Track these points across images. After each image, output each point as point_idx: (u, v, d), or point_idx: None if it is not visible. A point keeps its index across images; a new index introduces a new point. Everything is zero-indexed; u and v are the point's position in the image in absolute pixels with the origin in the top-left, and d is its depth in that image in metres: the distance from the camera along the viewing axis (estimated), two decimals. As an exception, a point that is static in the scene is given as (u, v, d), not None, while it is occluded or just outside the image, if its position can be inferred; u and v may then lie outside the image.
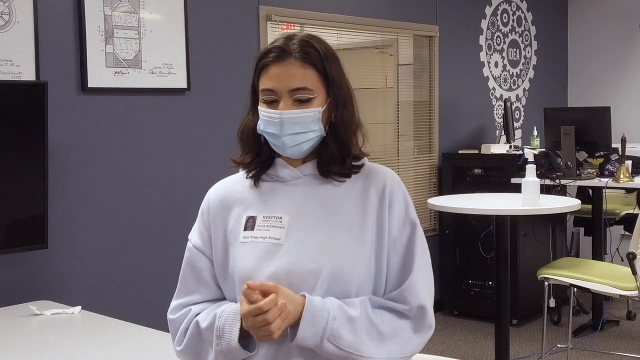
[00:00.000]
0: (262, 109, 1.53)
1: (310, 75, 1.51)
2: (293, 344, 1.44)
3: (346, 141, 1.56)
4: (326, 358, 1.47)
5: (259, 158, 1.59)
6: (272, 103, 1.52)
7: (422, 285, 1.53)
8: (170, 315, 1.61)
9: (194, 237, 1.64)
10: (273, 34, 4.14)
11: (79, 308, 2.76)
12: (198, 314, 1.57)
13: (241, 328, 1.47)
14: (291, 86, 1.50)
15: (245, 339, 1.49)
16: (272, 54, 1.52)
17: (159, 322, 2.58)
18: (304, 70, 1.50)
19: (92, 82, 3.28)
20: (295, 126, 1.50)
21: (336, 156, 1.55)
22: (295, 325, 1.44)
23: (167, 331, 2.27)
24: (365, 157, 1.62)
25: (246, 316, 1.42)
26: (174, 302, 1.62)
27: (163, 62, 3.54)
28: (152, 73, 3.50)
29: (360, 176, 1.58)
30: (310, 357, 1.47)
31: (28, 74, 3.05)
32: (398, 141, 5.22)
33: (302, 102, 1.51)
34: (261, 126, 1.54)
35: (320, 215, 1.53)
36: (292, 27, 4.41)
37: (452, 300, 5.33)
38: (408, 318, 1.52)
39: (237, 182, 1.64)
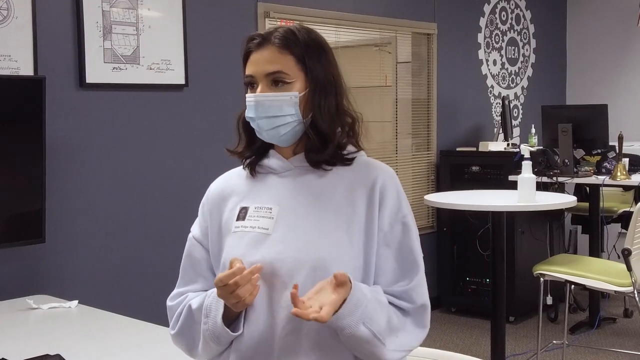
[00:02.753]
0: (246, 95, 1.57)
1: (287, 60, 1.53)
2: (327, 323, 1.42)
3: (324, 129, 1.55)
4: (330, 344, 1.47)
5: (252, 146, 1.62)
6: (253, 88, 1.55)
7: (425, 284, 1.56)
8: (169, 302, 1.65)
9: (194, 228, 1.68)
10: (271, 30, 4.15)
11: (76, 302, 2.78)
12: (193, 298, 1.59)
13: (227, 307, 1.49)
14: (267, 70, 1.53)
15: (233, 321, 1.52)
16: (254, 40, 1.56)
17: (155, 316, 2.60)
18: (281, 56, 1.53)
19: (90, 77, 3.29)
20: (269, 109, 1.52)
21: (316, 145, 1.56)
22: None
23: (163, 325, 2.29)
24: (362, 151, 1.62)
25: (216, 285, 1.44)
26: (174, 291, 1.66)
27: (161, 58, 3.55)
28: (150, 69, 3.51)
29: (352, 169, 1.59)
30: (294, 339, 1.48)
31: (26, 69, 3.07)
32: (396, 139, 5.23)
33: (278, 87, 1.53)
34: (246, 112, 1.57)
35: (308, 207, 1.54)
36: (291, 24, 4.41)
37: (449, 297, 5.35)
38: (409, 315, 1.54)
39: (235, 175, 1.67)
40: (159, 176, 3.60)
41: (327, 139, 1.56)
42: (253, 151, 1.62)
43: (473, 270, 5.20)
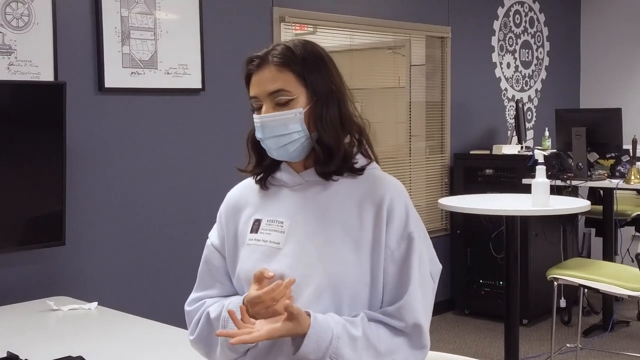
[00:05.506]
0: (253, 116, 1.59)
1: (287, 77, 1.54)
2: (294, 358, 1.47)
3: (328, 141, 1.56)
4: None
5: (262, 164, 1.64)
6: (260, 109, 1.57)
7: (419, 303, 1.53)
8: (187, 307, 1.68)
9: (213, 235, 1.71)
10: (287, 35, 4.19)
11: (95, 304, 2.82)
12: (210, 306, 1.63)
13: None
14: (268, 90, 1.54)
15: None
16: (254, 62, 1.58)
17: (174, 318, 2.64)
18: (280, 74, 1.54)
19: (109, 82, 3.34)
20: (275, 129, 1.54)
21: (322, 157, 1.57)
22: (296, 339, 1.46)
23: (182, 327, 2.33)
24: (373, 162, 1.63)
25: (251, 303, 1.46)
26: (191, 295, 1.69)
27: (178, 63, 3.60)
28: (168, 73, 3.56)
29: (362, 183, 1.59)
30: None
31: (47, 74, 3.12)
32: (410, 141, 5.25)
33: (283, 105, 1.54)
34: (255, 132, 1.59)
35: (318, 222, 1.56)
36: (305, 28, 4.45)
37: (462, 300, 5.36)
38: (404, 335, 1.53)
39: (251, 185, 1.69)
40: (176, 179, 3.64)
41: (332, 151, 1.56)
42: (263, 168, 1.64)
43: (486, 272, 5.21)
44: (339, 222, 1.55)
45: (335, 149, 1.56)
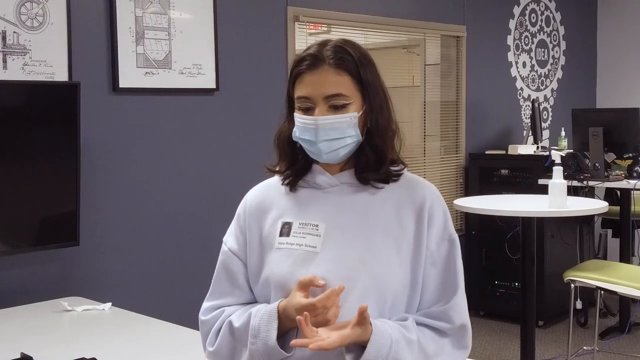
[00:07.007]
0: (298, 116, 1.52)
1: (344, 81, 1.50)
2: None
3: (381, 147, 1.54)
4: None
5: (295, 166, 1.59)
6: (308, 110, 1.51)
7: (465, 304, 1.55)
8: (202, 317, 1.61)
9: (230, 240, 1.64)
10: (301, 34, 4.17)
11: (109, 304, 2.81)
12: (231, 314, 1.56)
13: (279, 328, 1.47)
14: (326, 93, 1.49)
15: (283, 339, 1.49)
16: (306, 61, 1.51)
17: (188, 319, 2.63)
18: (338, 77, 1.49)
19: (123, 82, 3.33)
20: (330, 132, 1.49)
21: (372, 162, 1.54)
22: (352, 348, 1.43)
23: (196, 328, 2.31)
24: (405, 167, 1.61)
25: (301, 311, 1.41)
26: (206, 304, 1.62)
27: (192, 63, 3.59)
28: (182, 73, 3.55)
29: (399, 187, 1.57)
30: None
31: (61, 74, 3.11)
32: (424, 141, 5.23)
33: (338, 108, 1.49)
34: (297, 133, 1.53)
35: (356, 225, 1.52)
36: (320, 28, 4.43)
37: (478, 301, 5.32)
38: (448, 336, 1.53)
39: (274, 187, 1.63)
40: (190, 179, 3.63)
41: (382, 155, 1.54)
42: (296, 171, 1.59)
43: (502, 273, 5.18)
44: (378, 225, 1.52)
45: (386, 154, 1.55)
